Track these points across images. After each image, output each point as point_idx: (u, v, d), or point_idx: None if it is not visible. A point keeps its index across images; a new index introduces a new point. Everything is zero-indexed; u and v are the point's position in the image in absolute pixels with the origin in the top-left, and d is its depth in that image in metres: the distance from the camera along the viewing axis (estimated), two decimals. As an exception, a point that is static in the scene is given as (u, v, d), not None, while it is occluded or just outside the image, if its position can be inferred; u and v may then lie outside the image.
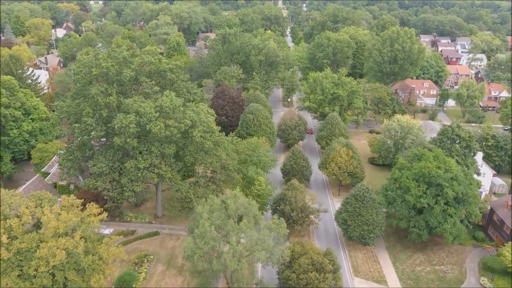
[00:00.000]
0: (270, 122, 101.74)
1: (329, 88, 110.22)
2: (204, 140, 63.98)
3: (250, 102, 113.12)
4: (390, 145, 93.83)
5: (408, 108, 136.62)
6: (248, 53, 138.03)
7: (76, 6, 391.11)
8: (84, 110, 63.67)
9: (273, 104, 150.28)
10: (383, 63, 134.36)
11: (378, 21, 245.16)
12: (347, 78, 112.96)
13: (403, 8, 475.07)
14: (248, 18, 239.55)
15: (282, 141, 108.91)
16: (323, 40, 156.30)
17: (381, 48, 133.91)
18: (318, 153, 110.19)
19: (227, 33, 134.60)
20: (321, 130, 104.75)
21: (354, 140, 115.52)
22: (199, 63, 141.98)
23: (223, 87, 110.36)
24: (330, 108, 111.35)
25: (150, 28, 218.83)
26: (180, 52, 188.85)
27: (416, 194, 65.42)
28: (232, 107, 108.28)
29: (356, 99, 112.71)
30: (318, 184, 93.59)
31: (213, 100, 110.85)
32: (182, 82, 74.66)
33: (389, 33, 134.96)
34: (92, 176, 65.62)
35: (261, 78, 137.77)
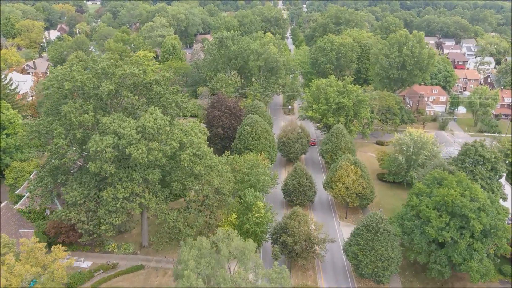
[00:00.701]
0: (270, 135, 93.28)
1: (334, 97, 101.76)
2: (193, 164, 55.43)
3: (249, 112, 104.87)
4: (402, 162, 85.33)
5: (417, 117, 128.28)
6: (247, 58, 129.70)
7: (72, 7, 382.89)
8: (56, 130, 55.16)
9: (273, 112, 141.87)
10: (391, 69, 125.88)
11: (382, 23, 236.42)
12: (353, 86, 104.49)
13: (405, 9, 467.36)
14: (247, 20, 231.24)
15: (283, 155, 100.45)
16: (326, 43, 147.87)
17: (388, 53, 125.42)
18: (322, 168, 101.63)
19: (224, 37, 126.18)
20: (325, 143, 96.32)
21: (361, 152, 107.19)
22: (195, 69, 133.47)
23: (219, 96, 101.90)
24: (335, 119, 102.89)
25: (145, 30, 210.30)
26: (176, 55, 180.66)
27: (438, 226, 56.93)
28: (229, 118, 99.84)
29: (363, 108, 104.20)
30: (323, 204, 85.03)
31: (208, 110, 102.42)
32: (171, 95, 66.09)
33: (397, 37, 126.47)
34: (65, 205, 57.08)
35: (260, 84, 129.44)
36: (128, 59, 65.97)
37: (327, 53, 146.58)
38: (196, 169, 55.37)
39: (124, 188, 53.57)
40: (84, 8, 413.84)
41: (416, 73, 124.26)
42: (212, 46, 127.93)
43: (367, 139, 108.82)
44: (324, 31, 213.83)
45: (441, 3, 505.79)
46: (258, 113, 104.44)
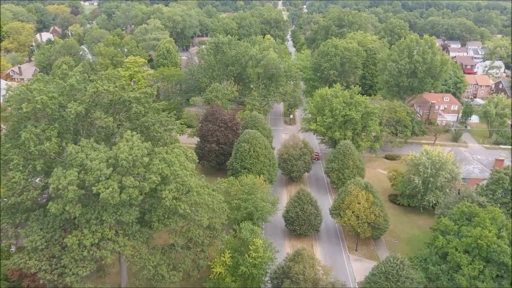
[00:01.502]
0: (269, 152, 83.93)
1: (340, 109, 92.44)
2: (178, 202, 45.98)
3: (246, 125, 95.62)
4: (418, 184, 75.94)
5: (428, 128, 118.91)
6: (245, 65, 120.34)
7: (67, 8, 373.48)
8: (13, 161, 45.74)
9: (273, 122, 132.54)
10: (400, 76, 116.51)
11: (386, 25, 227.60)
12: (361, 97, 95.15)
13: (407, 10, 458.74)
14: (246, 22, 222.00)
15: (284, 173, 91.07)
16: (330, 48, 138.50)
17: (397, 59, 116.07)
18: (327, 187, 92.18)
19: (220, 42, 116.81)
20: (331, 160, 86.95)
21: (369, 168, 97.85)
22: (189, 75, 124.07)
23: (214, 108, 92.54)
24: (341, 133, 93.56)
25: (139, 33, 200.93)
26: (171, 60, 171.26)
27: (470, 273, 47.58)
28: (225, 133, 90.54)
29: (372, 121, 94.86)
30: (330, 233, 75.55)
31: (201, 123, 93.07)
32: (154, 115, 56.67)
33: (406, 42, 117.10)
34: (25, 251, 47.62)
35: (259, 92, 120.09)
36: (103, 73, 56.29)
37: (331, 58, 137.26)
38: (180, 208, 45.92)
39: (93, 232, 44.14)
40: (80, 9, 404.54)
41: (427, 80, 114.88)
42: (207, 52, 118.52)
43: (376, 155, 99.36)
44: (326, 34, 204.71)
45: (443, 4, 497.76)
46: (257, 125, 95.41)
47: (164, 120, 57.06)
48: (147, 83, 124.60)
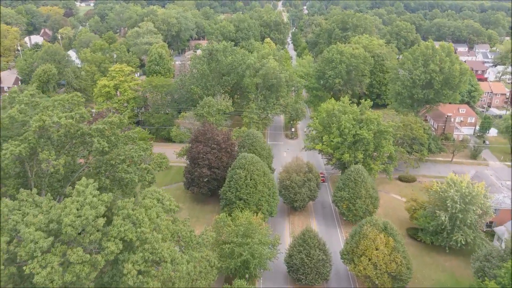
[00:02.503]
0: (269, 180, 72.33)
1: (350, 127, 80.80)
2: (145, 279, 34.23)
3: (243, 144, 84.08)
4: (444, 221, 64.30)
5: (445, 144, 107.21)
6: (242, 74, 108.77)
7: (61, 9, 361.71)
8: None
9: (272, 136, 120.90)
10: (414, 88, 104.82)
11: (392, 28, 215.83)
12: (373, 113, 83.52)
13: (409, 11, 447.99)
14: (245, 25, 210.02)
15: (285, 201, 79.42)
16: (334, 55, 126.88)
17: (411, 68, 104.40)
18: (335, 219, 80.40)
19: (214, 49, 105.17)
20: (340, 188, 75.32)
21: (381, 193, 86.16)
22: (180, 85, 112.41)
23: (206, 127, 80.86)
24: (350, 155, 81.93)
25: (131, 36, 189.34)
26: (164, 66, 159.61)
27: None
28: (218, 155, 78.89)
29: (385, 140, 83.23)
30: (341, 281, 63.79)
31: (191, 143, 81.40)
32: (124, 150, 45.05)
33: (421, 49, 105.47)
34: None
35: (257, 105, 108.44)
36: (57, 99, 44.62)
37: (336, 65, 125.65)
38: (148, 286, 34.23)
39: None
40: (74, 10, 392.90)
41: (445, 92, 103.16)
42: (200, 60, 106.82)
43: (390, 178, 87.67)
44: (329, 37, 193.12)
45: (446, 5, 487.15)
46: (255, 145, 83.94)
47: (136, 155, 45.24)
48: (134, 93, 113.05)
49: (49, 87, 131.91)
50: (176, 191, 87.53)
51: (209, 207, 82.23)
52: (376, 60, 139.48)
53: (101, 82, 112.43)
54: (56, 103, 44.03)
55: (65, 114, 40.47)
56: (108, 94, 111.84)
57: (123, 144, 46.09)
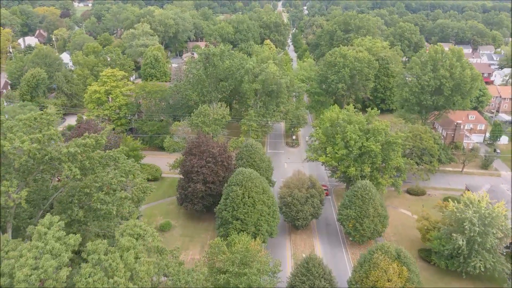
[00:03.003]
0: (269, 197, 66.42)
1: (356, 139, 74.91)
2: None
3: (241, 156, 78.28)
4: (461, 246, 58.42)
5: (455, 154, 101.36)
6: (240, 79, 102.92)
7: (57, 10, 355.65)
8: None
9: (272, 144, 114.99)
10: (423, 94, 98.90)
11: (395, 29, 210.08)
12: (380, 123, 77.56)
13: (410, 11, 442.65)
14: (244, 26, 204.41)
15: (287, 219, 73.49)
16: (338, 58, 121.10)
17: (420, 73, 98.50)
18: (341, 239, 74.36)
19: (210, 53, 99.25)
20: (346, 206, 69.42)
21: (389, 208, 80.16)
22: (175, 91, 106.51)
23: (200, 139, 74.92)
24: (356, 168, 76.06)
25: (126, 38, 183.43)
26: (159, 69, 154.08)
27: None
28: (213, 169, 72.94)
29: (393, 152, 77.32)
30: (348, 311, 57.91)
31: (185, 156, 75.51)
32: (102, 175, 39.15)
33: (430, 53, 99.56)
34: None
35: (257, 112, 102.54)
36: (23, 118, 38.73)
37: (339, 69, 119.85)
38: None
39: None
40: (71, 10, 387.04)
41: (455, 99, 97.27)
42: (195, 65, 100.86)
43: (399, 193, 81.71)
44: (331, 39, 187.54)
45: (448, 5, 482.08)
46: (253, 157, 78.14)
47: (115, 181, 39.28)
48: (126, 99, 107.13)
49: (39, 92, 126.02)
50: (169, 206, 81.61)
51: (204, 224, 76.32)
52: (380, 63, 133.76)
53: (91, 88, 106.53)
54: (21, 124, 38.13)
55: (30, 137, 34.61)
56: (99, 100, 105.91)
57: (102, 166, 40.26)
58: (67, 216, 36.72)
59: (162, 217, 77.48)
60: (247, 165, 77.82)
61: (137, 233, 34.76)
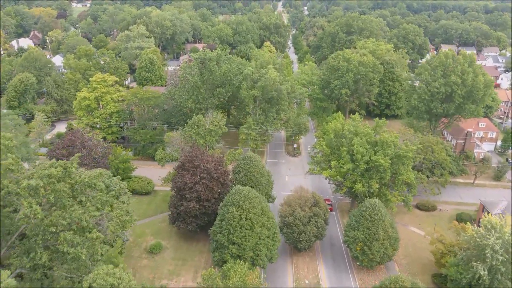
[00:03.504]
0: (269, 218, 60.51)
1: (363, 152, 68.93)
2: None
3: (238, 170, 72.43)
4: (483, 275, 52.42)
5: (466, 165, 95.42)
6: (238, 86, 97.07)
7: (54, 11, 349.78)
8: None
9: (272, 154, 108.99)
10: (433, 102, 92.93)
11: (399, 31, 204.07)
12: (389, 135, 71.51)
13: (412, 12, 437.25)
14: (243, 28, 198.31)
15: (288, 241, 67.50)
16: (341, 62, 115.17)
17: (429, 79, 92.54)
18: (347, 263, 68.14)
19: (206, 58, 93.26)
20: (353, 227, 63.43)
21: (399, 226, 74.04)
22: (169, 99, 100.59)
23: (194, 153, 68.86)
24: (364, 184, 70.10)
25: (121, 40, 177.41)
26: (155, 73, 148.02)
27: None
28: (208, 186, 66.92)
29: (403, 166, 71.35)
30: None
31: (177, 171, 69.51)
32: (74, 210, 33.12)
33: (440, 58, 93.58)
34: None
35: (255, 120, 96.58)
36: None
37: (342, 74, 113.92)
38: None
39: None
40: (68, 11, 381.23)
41: (468, 107, 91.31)
42: (190, 70, 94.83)
43: (409, 210, 75.64)
44: (333, 41, 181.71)
45: (450, 6, 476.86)
46: (252, 171, 72.33)
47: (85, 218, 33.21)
48: (118, 106, 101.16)
49: (27, 98, 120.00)
50: (161, 224, 75.55)
51: (198, 245, 70.29)
52: (385, 67, 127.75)
53: (80, 94, 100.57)
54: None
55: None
56: (89, 108, 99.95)
57: (74, 197, 34.31)
58: (30, 259, 30.88)
59: (153, 237, 71.47)
60: (245, 180, 72.08)
61: (110, 284, 28.78)
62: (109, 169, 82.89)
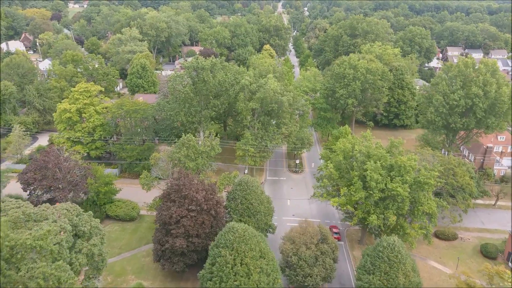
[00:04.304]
0: (269, 261, 51.01)
1: (378, 179, 59.44)
2: None
3: (234, 196, 63.12)
4: None
5: (486, 184, 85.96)
6: (234, 97, 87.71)
7: (48, 12, 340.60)
8: None
9: (272, 170, 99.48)
10: (452, 116, 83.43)
11: (405, 33, 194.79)
12: (408, 158, 61.90)
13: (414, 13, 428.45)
14: (241, 30, 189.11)
15: (291, 284, 58.02)
16: (347, 70, 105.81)
17: (447, 90, 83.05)
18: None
19: (199, 67, 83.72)
20: (368, 270, 53.83)
21: (417, 259, 64.75)
22: (158, 111, 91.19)
23: (181, 180, 59.26)
24: (379, 216, 60.62)
25: (112, 44, 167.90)
26: (146, 79, 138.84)
27: None
28: (197, 219, 57.43)
29: (424, 194, 61.90)
30: None
31: (162, 201, 59.95)
32: None
33: (459, 67, 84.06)
34: None
35: (254, 134, 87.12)
36: None
37: (349, 82, 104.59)
38: None
39: None
40: (63, 12, 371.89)
41: (491, 122, 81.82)
42: (181, 80, 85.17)
43: (430, 243, 65.98)
44: (336, 45, 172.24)
45: (453, 6, 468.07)
46: (249, 198, 62.96)
47: None
48: (102, 119, 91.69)
49: (6, 109, 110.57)
50: (145, 259, 66.00)
51: (186, 286, 60.78)
52: (394, 74, 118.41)
53: (61, 106, 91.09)
54: None
55: None
56: (70, 121, 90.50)
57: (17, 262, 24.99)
58: None
59: (135, 276, 61.97)
60: (241, 209, 62.79)
61: None
62: (87, 194, 73.90)
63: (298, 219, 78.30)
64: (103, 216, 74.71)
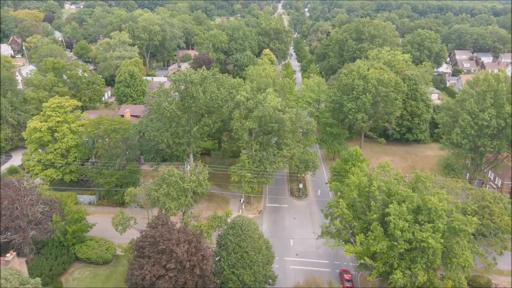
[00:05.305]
0: None
1: (404, 226, 47.67)
2: None
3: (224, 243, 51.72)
4: None
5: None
6: (228, 115, 76.03)
7: (40, 13, 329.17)
8: None
9: (273, 196, 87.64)
10: (481, 137, 71.65)
11: (413, 37, 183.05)
12: (439, 198, 50.19)
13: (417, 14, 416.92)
14: (240, 34, 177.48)
15: None
16: (356, 81, 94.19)
17: (475, 108, 71.27)
18: None
19: (187, 81, 71.92)
20: None
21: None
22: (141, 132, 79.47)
23: (158, 230, 47.41)
24: (405, 273, 48.85)
25: (101, 49, 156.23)
26: (135, 88, 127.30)
27: None
28: (177, 281, 45.62)
29: (458, 244, 50.23)
30: None
31: (134, 257, 48.13)
32: None
33: (489, 81, 72.25)
34: None
35: (251, 157, 75.43)
36: None
37: (358, 95, 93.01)
38: None
39: None
40: (56, 14, 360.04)
41: (527, 145, 70.21)
42: (166, 97, 73.32)
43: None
44: (340, 49, 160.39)
45: (456, 7, 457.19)
46: (243, 244, 51.71)
47: None
48: (77, 139, 79.98)
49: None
50: (118, 318, 54.36)
51: None
52: (407, 84, 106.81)
53: (31, 124, 79.47)
54: None
55: None
56: (41, 141, 78.86)
57: None
58: None
59: None
60: (233, 259, 51.33)
61: None
62: (52, 234, 62.39)
63: (303, 260, 66.92)
64: (71, 260, 63.07)
